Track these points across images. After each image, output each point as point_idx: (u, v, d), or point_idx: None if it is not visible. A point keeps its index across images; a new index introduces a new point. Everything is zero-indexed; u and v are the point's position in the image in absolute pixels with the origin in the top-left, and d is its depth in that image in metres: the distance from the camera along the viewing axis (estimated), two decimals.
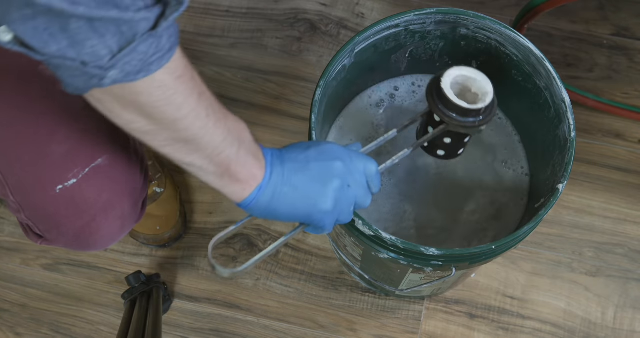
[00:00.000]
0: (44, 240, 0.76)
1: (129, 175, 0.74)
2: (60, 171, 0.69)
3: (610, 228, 1.09)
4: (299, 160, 0.63)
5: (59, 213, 0.71)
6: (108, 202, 0.72)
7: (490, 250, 0.70)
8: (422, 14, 0.76)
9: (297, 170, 0.62)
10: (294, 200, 0.62)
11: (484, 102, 0.66)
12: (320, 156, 0.63)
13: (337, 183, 0.62)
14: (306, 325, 1.05)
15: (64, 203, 0.70)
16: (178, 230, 1.07)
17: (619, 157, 1.13)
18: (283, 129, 1.15)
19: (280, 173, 0.61)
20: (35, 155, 0.69)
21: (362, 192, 0.66)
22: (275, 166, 0.61)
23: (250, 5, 1.24)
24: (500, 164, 0.85)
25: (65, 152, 0.70)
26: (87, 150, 0.70)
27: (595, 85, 1.17)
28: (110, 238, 0.76)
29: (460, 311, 1.05)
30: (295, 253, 1.09)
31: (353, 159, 0.65)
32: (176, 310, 1.06)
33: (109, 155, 0.71)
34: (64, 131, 0.70)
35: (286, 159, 0.62)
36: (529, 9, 0.95)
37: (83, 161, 0.70)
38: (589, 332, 1.04)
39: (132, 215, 0.77)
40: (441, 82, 0.66)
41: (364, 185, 0.66)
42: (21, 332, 1.06)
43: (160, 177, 1.06)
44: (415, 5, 1.24)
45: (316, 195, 0.62)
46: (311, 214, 0.63)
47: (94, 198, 0.71)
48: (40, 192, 0.70)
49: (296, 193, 0.62)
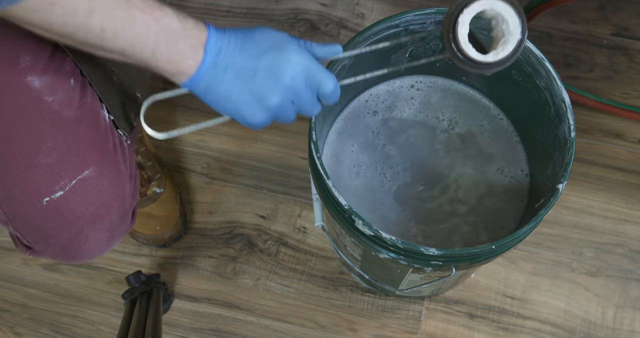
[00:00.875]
0: (32, 251, 0.76)
1: (118, 186, 0.73)
2: (47, 183, 0.69)
3: (610, 228, 1.09)
4: (246, 68, 0.62)
5: (46, 226, 0.71)
6: (95, 214, 0.72)
7: (490, 250, 0.70)
8: (422, 14, 0.76)
9: (237, 79, 0.62)
10: (223, 105, 0.63)
11: (504, 51, 0.60)
12: (270, 71, 0.62)
13: (275, 100, 0.62)
14: (306, 325, 1.05)
15: (50, 215, 0.70)
16: (178, 230, 1.07)
17: (619, 157, 1.13)
18: (283, 129, 1.15)
19: (216, 76, 0.61)
20: (22, 166, 0.69)
21: (309, 108, 0.65)
22: (216, 68, 0.61)
23: (250, 5, 1.24)
24: (500, 165, 0.85)
25: (52, 163, 0.69)
26: (74, 162, 0.70)
27: (595, 85, 1.17)
28: (98, 250, 0.76)
29: (460, 311, 1.05)
30: (295, 253, 1.09)
31: (310, 75, 0.63)
32: (176, 310, 1.06)
33: (96, 166, 0.71)
34: (51, 142, 0.69)
35: (231, 64, 0.61)
36: (529, 9, 0.96)
37: (70, 173, 0.70)
38: (588, 332, 1.04)
39: (121, 225, 0.76)
40: (457, 22, 0.60)
41: (312, 102, 0.65)
42: (21, 332, 1.06)
43: (160, 177, 1.06)
44: (415, 5, 1.24)
45: (246, 111, 0.63)
46: (240, 120, 0.64)
47: (80, 210, 0.71)
48: (27, 204, 0.70)
49: (227, 103, 0.62)
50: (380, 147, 0.86)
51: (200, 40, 0.60)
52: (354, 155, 0.86)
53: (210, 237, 1.10)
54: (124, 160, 0.75)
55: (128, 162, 0.76)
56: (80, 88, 0.71)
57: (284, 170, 1.13)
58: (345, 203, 0.69)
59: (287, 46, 0.63)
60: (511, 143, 0.86)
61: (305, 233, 1.09)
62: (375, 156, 0.85)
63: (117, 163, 0.74)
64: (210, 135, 1.16)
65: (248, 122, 0.64)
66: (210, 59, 0.61)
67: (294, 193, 1.12)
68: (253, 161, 1.14)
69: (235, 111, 0.63)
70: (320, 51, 0.66)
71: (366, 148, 0.86)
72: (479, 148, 0.86)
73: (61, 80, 0.70)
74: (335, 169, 0.85)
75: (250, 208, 1.11)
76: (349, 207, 0.69)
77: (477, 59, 0.62)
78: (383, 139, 0.86)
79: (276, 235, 1.10)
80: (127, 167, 0.76)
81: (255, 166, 1.14)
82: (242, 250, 1.09)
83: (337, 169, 0.85)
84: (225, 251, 1.09)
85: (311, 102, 0.65)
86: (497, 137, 0.86)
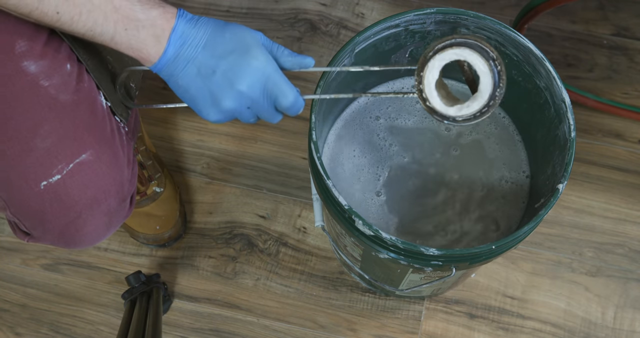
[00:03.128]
0: (30, 238, 0.76)
1: (115, 171, 0.73)
2: (44, 167, 0.69)
3: (610, 228, 1.09)
4: (206, 66, 0.62)
5: (44, 210, 0.71)
6: (94, 198, 0.72)
7: (490, 250, 0.70)
8: (422, 14, 0.76)
9: (196, 74, 0.62)
10: (183, 95, 0.64)
11: (469, 109, 0.55)
12: (229, 74, 0.62)
13: (229, 104, 0.63)
14: (306, 325, 1.05)
15: (48, 199, 0.70)
16: (178, 230, 1.07)
17: (619, 157, 1.13)
18: (283, 129, 1.15)
19: (177, 66, 0.62)
20: (19, 151, 0.69)
21: (267, 116, 0.66)
22: (176, 59, 0.62)
23: (250, 5, 1.24)
24: (500, 165, 0.85)
25: (49, 147, 0.69)
26: (72, 146, 0.70)
27: (595, 85, 1.17)
28: (96, 235, 0.76)
29: (460, 311, 1.05)
30: (295, 253, 1.09)
31: (268, 85, 0.63)
32: (176, 310, 1.06)
33: (93, 150, 0.71)
34: (48, 126, 0.69)
35: (193, 58, 0.62)
36: (529, 9, 0.95)
37: (67, 157, 0.70)
38: (588, 332, 1.04)
39: (119, 211, 0.76)
40: (427, 66, 0.55)
41: (270, 111, 0.65)
42: (21, 332, 1.06)
43: (160, 177, 1.06)
44: (415, 5, 1.24)
45: (201, 107, 0.63)
46: (197, 113, 0.65)
47: (78, 194, 0.71)
48: (24, 189, 0.69)
49: (186, 95, 0.63)
50: (380, 148, 0.86)
51: (164, 30, 0.61)
52: (355, 156, 0.86)
53: (210, 237, 1.10)
54: (121, 145, 0.75)
55: (126, 148, 0.76)
56: (77, 73, 0.71)
57: (284, 170, 1.13)
58: (345, 203, 0.69)
59: (253, 51, 0.62)
60: (512, 143, 0.86)
61: (305, 233, 1.09)
62: (376, 157, 0.85)
63: (115, 148, 0.74)
64: (210, 135, 1.16)
65: (204, 117, 0.65)
66: (172, 50, 0.61)
67: (294, 193, 1.12)
68: (253, 161, 1.14)
69: (192, 104, 0.65)
70: (287, 61, 0.66)
71: (367, 149, 0.86)
72: (481, 148, 0.86)
73: (57, 65, 0.70)
74: (335, 169, 0.85)
75: (250, 208, 1.11)
76: (349, 207, 0.69)
77: (437, 109, 0.57)
78: (383, 139, 0.86)
79: (276, 235, 1.10)
80: (125, 153, 0.76)
81: (255, 166, 1.14)
82: (242, 250, 1.09)
83: (337, 169, 0.85)
84: (225, 251, 1.09)
85: (269, 111, 0.65)
86: (499, 137, 0.86)
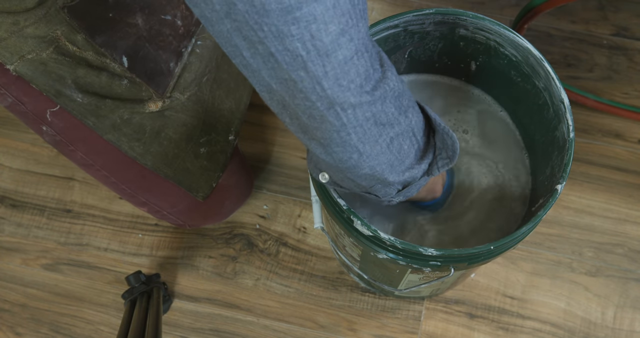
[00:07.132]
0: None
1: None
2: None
3: (610, 228, 1.09)
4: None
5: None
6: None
7: (488, 251, 0.70)
8: (421, 15, 0.76)
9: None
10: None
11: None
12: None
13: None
14: (306, 325, 1.05)
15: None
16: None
17: (618, 157, 1.13)
18: (283, 129, 1.16)
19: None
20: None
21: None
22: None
23: None
24: (500, 165, 0.85)
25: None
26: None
27: (595, 85, 1.17)
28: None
29: (460, 311, 1.05)
30: (295, 253, 1.09)
31: None
32: (176, 310, 1.06)
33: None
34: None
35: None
36: (529, 9, 0.95)
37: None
38: (588, 331, 1.04)
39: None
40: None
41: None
42: (21, 332, 1.06)
43: None
44: (414, 5, 1.24)
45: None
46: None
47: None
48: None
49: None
50: None
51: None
52: None
53: (210, 237, 1.10)
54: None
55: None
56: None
57: (284, 170, 1.13)
58: (344, 203, 0.69)
59: None
60: (511, 143, 0.86)
61: (305, 234, 1.10)
62: None
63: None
64: None
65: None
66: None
67: (294, 193, 1.12)
68: (253, 161, 1.14)
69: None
70: None
71: None
72: (481, 148, 0.86)
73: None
74: None
75: (250, 208, 1.11)
76: (348, 207, 0.69)
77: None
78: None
79: (276, 235, 1.10)
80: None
81: (255, 166, 1.14)
82: (242, 250, 1.09)
83: None
84: (225, 251, 1.09)
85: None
86: (499, 137, 0.86)
